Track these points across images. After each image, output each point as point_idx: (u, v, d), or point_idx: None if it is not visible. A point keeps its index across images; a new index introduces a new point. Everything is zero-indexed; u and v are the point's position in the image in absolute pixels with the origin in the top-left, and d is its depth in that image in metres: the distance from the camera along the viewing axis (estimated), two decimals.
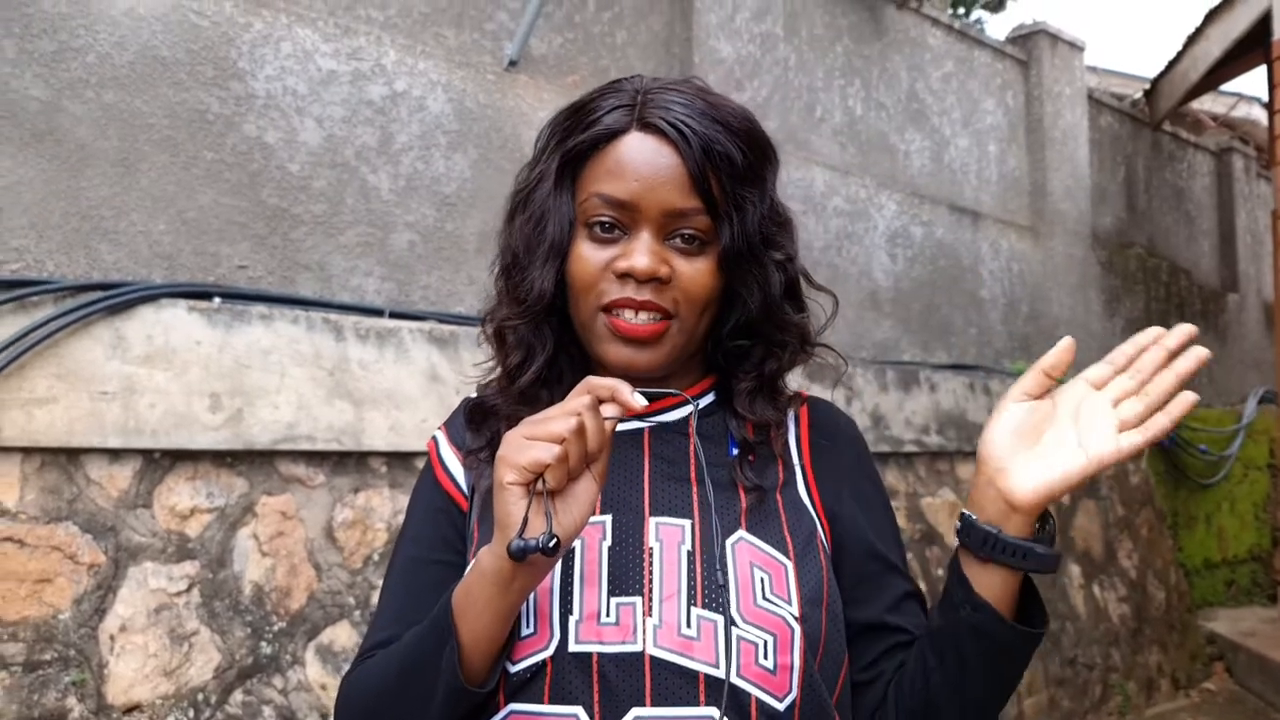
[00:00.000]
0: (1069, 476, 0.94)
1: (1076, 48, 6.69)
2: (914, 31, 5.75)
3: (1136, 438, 0.93)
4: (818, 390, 4.44)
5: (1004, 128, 6.32)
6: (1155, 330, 0.96)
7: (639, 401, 0.91)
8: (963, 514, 0.99)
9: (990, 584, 0.98)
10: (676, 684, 0.96)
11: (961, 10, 12.38)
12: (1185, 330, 0.95)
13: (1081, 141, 6.69)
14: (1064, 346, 0.97)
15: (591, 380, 0.93)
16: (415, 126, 3.51)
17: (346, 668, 2.31)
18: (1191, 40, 6.89)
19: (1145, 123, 7.62)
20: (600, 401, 0.92)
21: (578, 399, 0.91)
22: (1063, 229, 6.50)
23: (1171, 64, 7.19)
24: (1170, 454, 6.84)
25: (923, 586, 4.66)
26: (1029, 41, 6.51)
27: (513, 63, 3.81)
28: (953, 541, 4.93)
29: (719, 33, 4.51)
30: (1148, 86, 7.68)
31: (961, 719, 1.02)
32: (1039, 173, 6.42)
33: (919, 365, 5.21)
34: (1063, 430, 0.96)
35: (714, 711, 0.96)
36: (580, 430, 0.90)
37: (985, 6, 12.92)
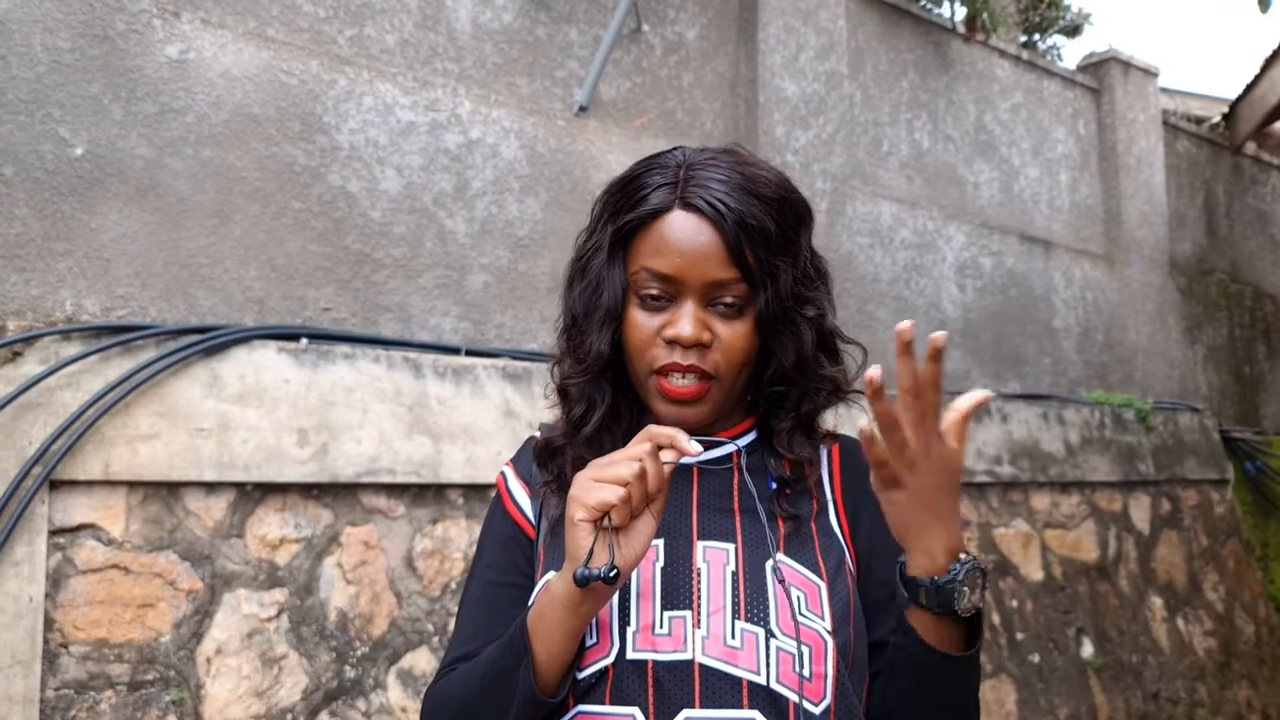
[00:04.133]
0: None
1: (1150, 74, 6.64)
2: (981, 64, 5.79)
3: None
4: None
5: (1076, 156, 6.30)
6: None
7: (695, 448, 1.04)
8: (899, 563, 1.10)
9: (923, 617, 1.08)
10: (723, 689, 1.09)
11: (1037, 37, 12.30)
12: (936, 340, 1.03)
13: (1157, 168, 6.63)
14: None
15: (652, 429, 1.06)
16: (489, 172, 3.67)
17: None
18: (1269, 63, 6.79)
19: (1225, 146, 7.50)
20: (659, 448, 1.05)
21: (639, 446, 1.05)
22: (1139, 256, 6.43)
23: (1249, 87, 7.10)
24: (1257, 483, 6.68)
25: (995, 619, 4.65)
26: (1100, 69, 6.49)
27: (582, 108, 3.96)
28: (1027, 573, 4.90)
29: (784, 72, 4.61)
30: (1226, 110, 7.57)
31: None
32: (1113, 200, 6.38)
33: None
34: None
35: (756, 714, 1.08)
36: (642, 474, 1.03)
37: (1061, 32, 12.82)
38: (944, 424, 1.03)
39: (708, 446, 1.22)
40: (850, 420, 1.57)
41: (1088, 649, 5.08)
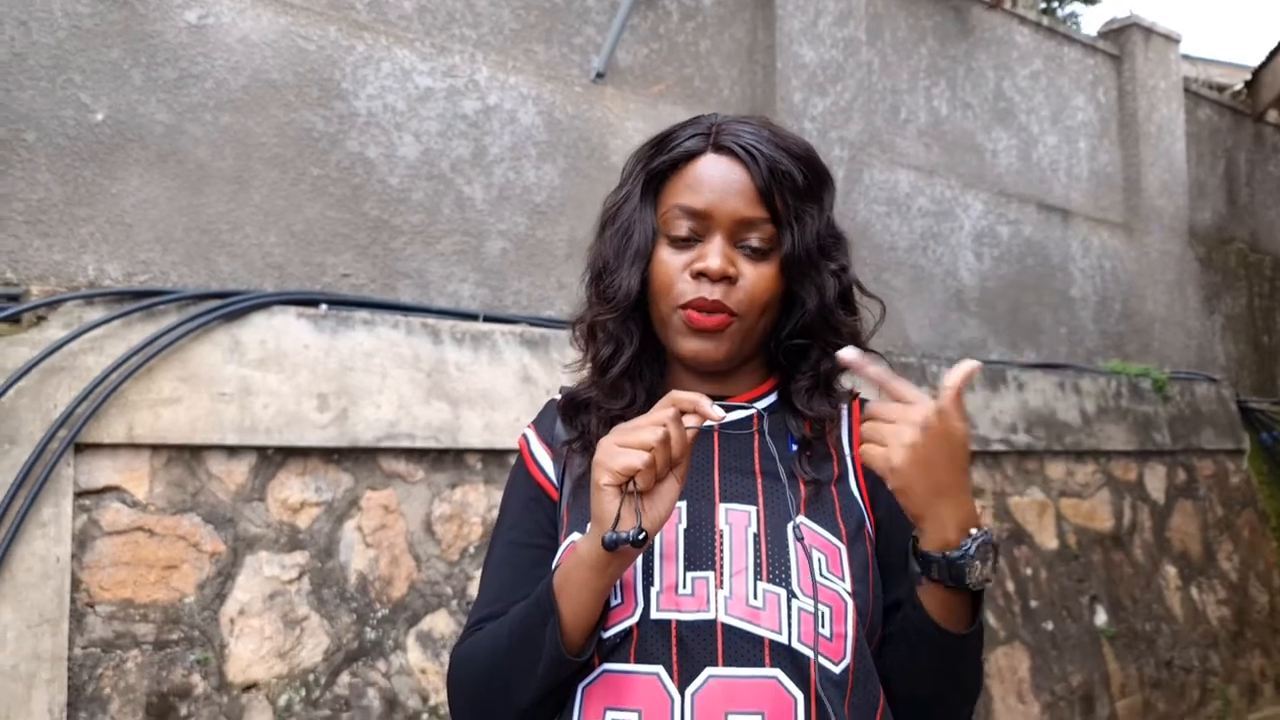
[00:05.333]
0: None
1: (1171, 40, 6.57)
2: (1000, 30, 5.73)
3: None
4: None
5: (1095, 124, 6.25)
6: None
7: (718, 413, 1.05)
8: (912, 537, 1.12)
9: (934, 591, 1.11)
10: (745, 647, 1.10)
11: (1055, 3, 12.18)
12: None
13: (1178, 135, 6.57)
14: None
15: (676, 394, 1.07)
16: (507, 138, 3.67)
17: (445, 654, 2.45)
18: None
19: (1246, 114, 7.43)
20: (683, 413, 1.06)
21: (663, 411, 1.06)
22: (1158, 225, 6.39)
23: (1273, 54, 7.01)
24: (1274, 453, 6.67)
25: (1010, 586, 4.67)
26: (1121, 36, 6.42)
27: (600, 75, 3.95)
28: (1041, 541, 4.91)
29: (801, 39, 4.58)
30: (1248, 77, 7.49)
31: (907, 693, 1.18)
32: (1133, 169, 6.33)
33: (1006, 364, 5.20)
34: None
35: (778, 672, 1.09)
36: (666, 439, 1.04)
37: None
38: (940, 401, 1.05)
39: (727, 410, 1.23)
40: (869, 388, 1.59)
41: (1101, 617, 5.10)
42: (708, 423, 1.07)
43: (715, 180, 1.19)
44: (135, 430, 2.68)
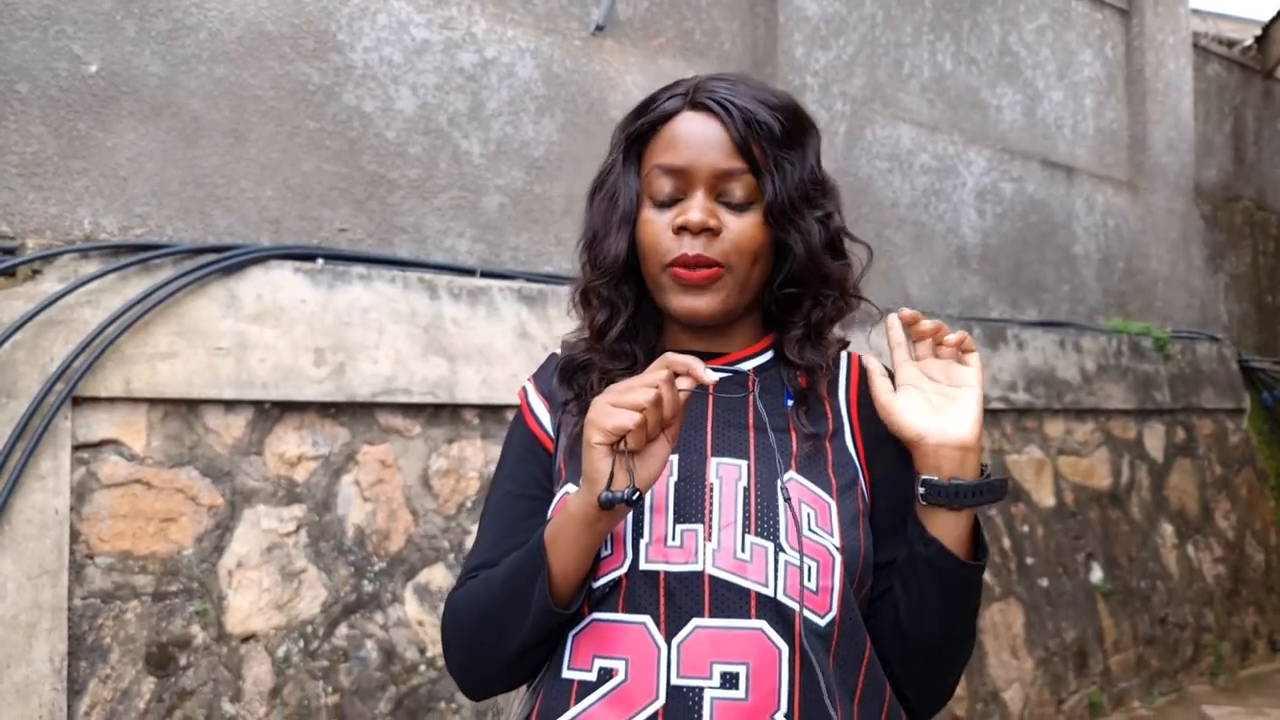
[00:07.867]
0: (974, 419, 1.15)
1: None
2: None
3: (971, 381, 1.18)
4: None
5: (1102, 80, 6.18)
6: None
7: (711, 377, 1.07)
8: (924, 479, 1.15)
9: (945, 526, 1.14)
10: (731, 599, 1.12)
11: None
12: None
13: (1186, 92, 6.50)
14: (893, 324, 1.20)
15: (670, 356, 1.09)
16: (505, 92, 3.64)
17: (442, 606, 2.48)
18: None
19: (1256, 70, 7.35)
20: (676, 375, 1.07)
21: (656, 373, 1.08)
22: (1163, 183, 6.35)
23: None
24: (1274, 413, 6.67)
25: (1006, 544, 4.69)
26: None
27: (599, 28, 3.90)
28: (1039, 499, 4.93)
29: None
30: (1259, 32, 7.40)
31: (922, 637, 1.18)
32: (1139, 125, 6.27)
33: (1007, 322, 5.19)
34: (939, 395, 1.18)
35: (763, 624, 1.11)
36: (658, 400, 1.06)
37: None
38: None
39: (721, 372, 1.24)
40: (863, 347, 1.58)
41: (1097, 574, 5.13)
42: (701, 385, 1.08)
43: (692, 136, 1.21)
44: (132, 384, 2.69)
